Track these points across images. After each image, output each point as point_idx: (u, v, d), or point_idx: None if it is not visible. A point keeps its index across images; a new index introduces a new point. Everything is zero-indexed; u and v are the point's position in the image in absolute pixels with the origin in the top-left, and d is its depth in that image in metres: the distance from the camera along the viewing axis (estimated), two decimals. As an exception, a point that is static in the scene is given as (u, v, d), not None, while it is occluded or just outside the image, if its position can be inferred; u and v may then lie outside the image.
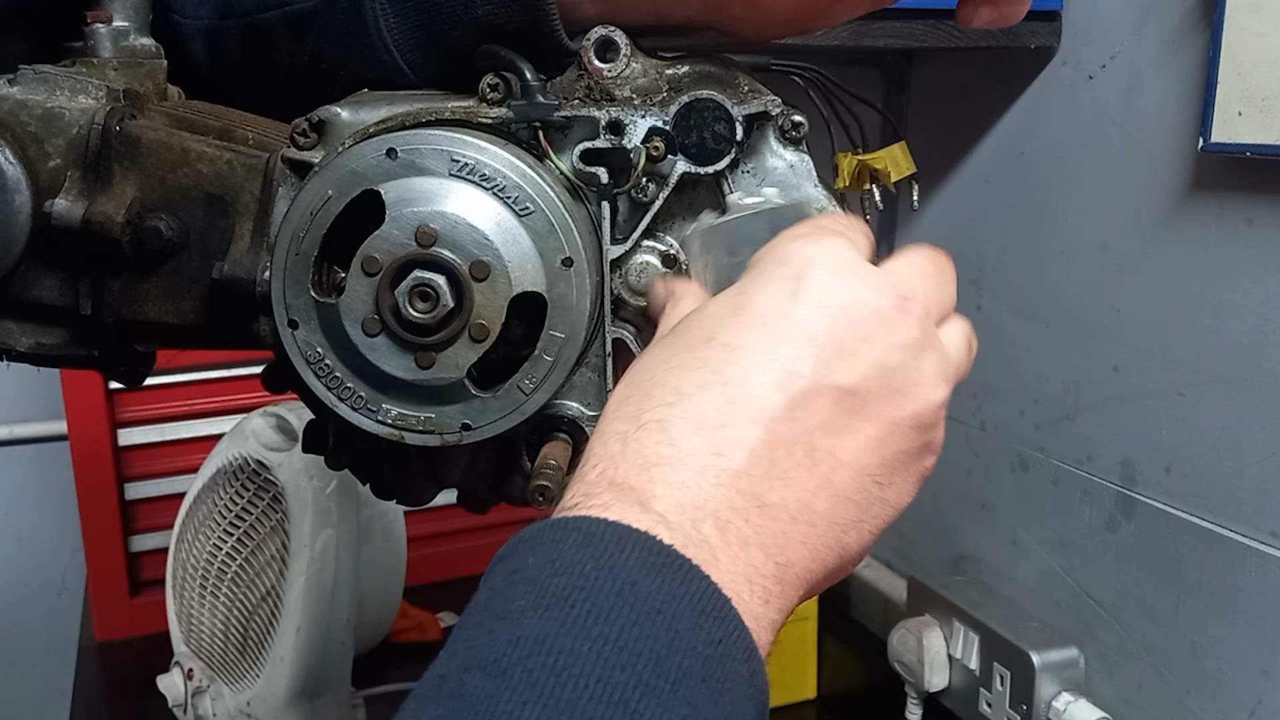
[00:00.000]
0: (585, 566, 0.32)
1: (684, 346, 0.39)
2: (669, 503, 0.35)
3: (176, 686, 1.10)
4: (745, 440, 0.37)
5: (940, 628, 1.16)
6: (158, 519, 1.36)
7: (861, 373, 0.38)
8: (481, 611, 0.33)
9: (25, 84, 0.45)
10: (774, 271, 0.40)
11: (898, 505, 0.40)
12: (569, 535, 0.34)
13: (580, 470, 0.37)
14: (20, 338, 0.48)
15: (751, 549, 0.36)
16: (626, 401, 0.39)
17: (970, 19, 0.49)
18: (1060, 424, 1.09)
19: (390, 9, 0.48)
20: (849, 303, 0.39)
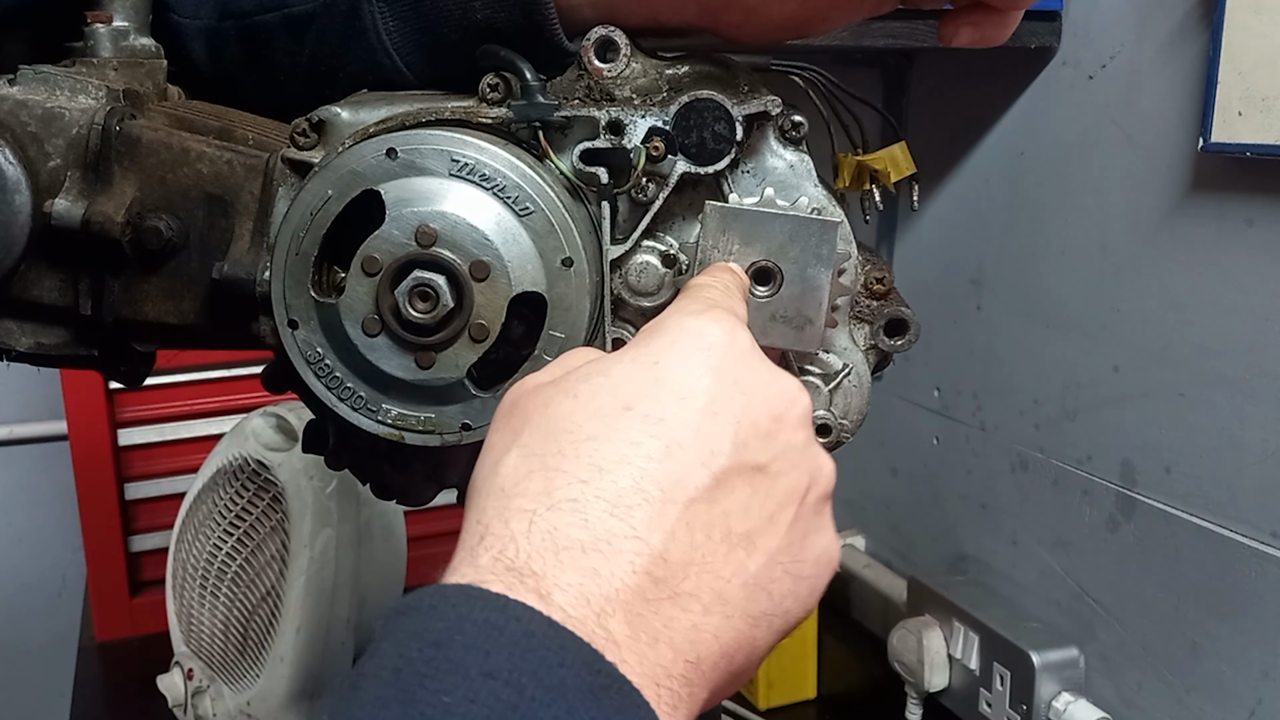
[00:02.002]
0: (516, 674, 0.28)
1: (595, 414, 0.36)
2: (573, 594, 0.31)
3: (176, 686, 1.10)
4: (665, 521, 0.34)
5: (940, 628, 1.16)
6: (158, 519, 1.36)
7: (774, 453, 0.37)
8: (392, 683, 0.29)
9: (25, 84, 0.45)
10: (688, 345, 0.38)
11: (805, 606, 0.38)
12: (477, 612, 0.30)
13: (468, 543, 0.33)
14: (20, 338, 0.48)
15: (660, 645, 0.32)
16: (531, 476, 0.34)
17: (951, 38, 0.49)
18: (1060, 424, 1.09)
19: (389, 12, 0.48)
20: (761, 384, 0.38)
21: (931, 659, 1.15)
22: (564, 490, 0.34)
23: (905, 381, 1.31)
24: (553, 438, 0.35)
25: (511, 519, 0.33)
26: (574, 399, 0.36)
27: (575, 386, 0.37)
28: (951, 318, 1.21)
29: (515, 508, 0.33)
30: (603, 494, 0.34)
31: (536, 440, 0.36)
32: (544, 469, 0.34)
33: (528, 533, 0.32)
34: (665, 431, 0.35)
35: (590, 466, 0.34)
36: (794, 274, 0.47)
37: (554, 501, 0.33)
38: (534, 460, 0.35)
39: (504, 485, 0.35)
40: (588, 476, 0.34)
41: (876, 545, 1.43)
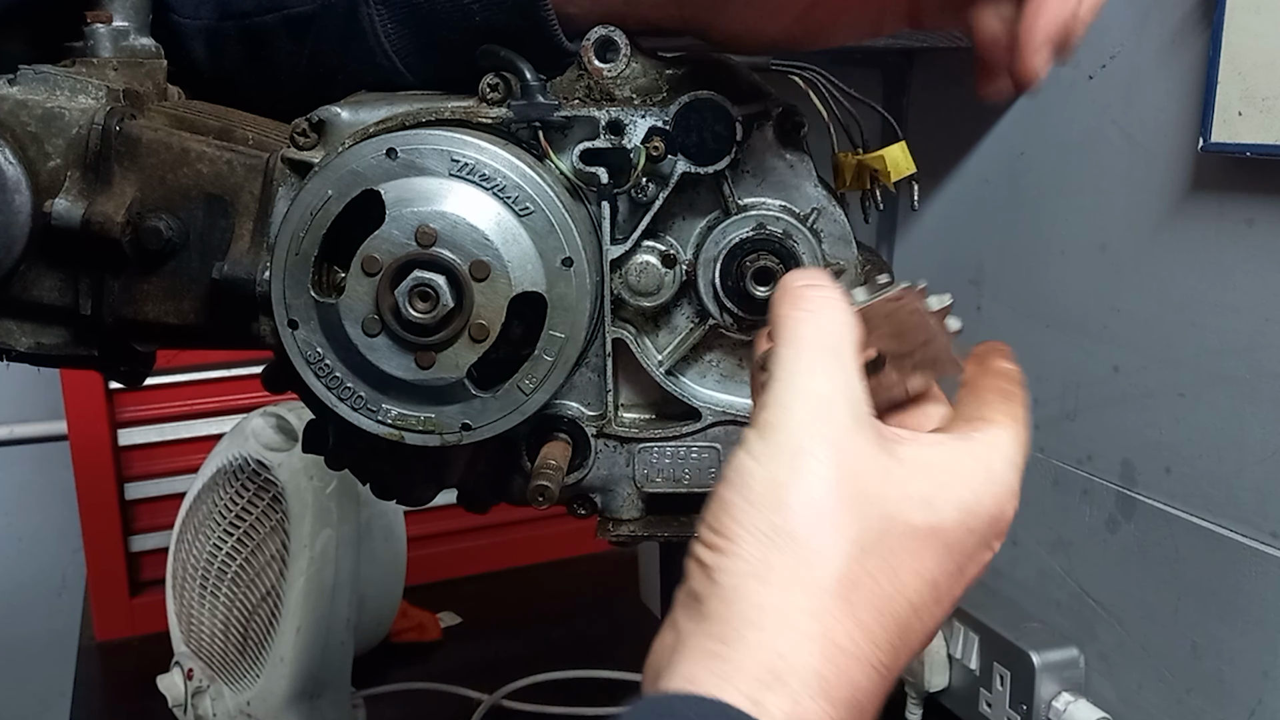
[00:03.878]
0: None
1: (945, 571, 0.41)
2: None
3: (176, 686, 1.10)
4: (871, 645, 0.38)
5: (940, 628, 1.16)
6: (158, 519, 1.36)
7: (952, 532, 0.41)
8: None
9: (25, 84, 0.45)
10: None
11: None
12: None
13: None
14: (20, 337, 0.48)
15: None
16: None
17: (989, 92, 0.45)
18: (1060, 424, 1.09)
19: (387, 14, 0.48)
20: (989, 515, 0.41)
21: (931, 659, 1.15)
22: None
23: (905, 381, 1.30)
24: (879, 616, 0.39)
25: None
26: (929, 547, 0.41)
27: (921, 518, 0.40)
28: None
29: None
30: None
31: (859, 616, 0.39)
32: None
33: None
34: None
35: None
36: None
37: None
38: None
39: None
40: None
41: (876, 545, 1.43)
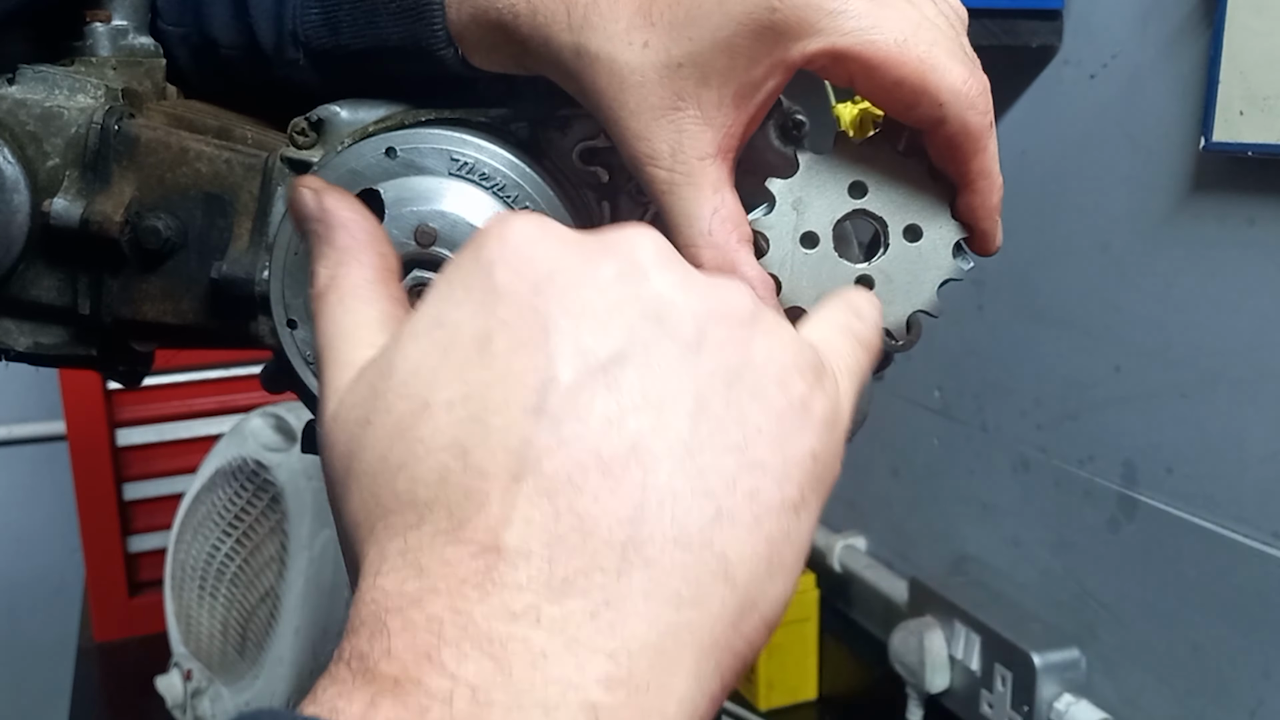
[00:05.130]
0: None
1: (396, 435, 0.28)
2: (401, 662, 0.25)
3: (175, 687, 1.10)
4: (512, 508, 0.26)
5: (941, 628, 1.16)
6: (156, 519, 1.35)
7: (622, 328, 0.28)
8: None
9: (24, 83, 0.45)
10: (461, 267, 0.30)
11: (791, 457, 0.28)
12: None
13: None
14: (19, 337, 0.48)
15: (549, 662, 0.24)
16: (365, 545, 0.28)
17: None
18: (1062, 424, 1.09)
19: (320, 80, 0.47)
20: (550, 272, 0.29)
21: (932, 660, 1.15)
22: (394, 541, 0.27)
23: (906, 382, 1.30)
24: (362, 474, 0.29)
25: (354, 596, 0.28)
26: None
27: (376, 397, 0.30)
28: (953, 318, 1.21)
29: (362, 574, 0.28)
30: (435, 521, 0.27)
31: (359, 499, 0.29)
32: (368, 520, 0.28)
33: (360, 610, 0.26)
34: (463, 405, 0.27)
35: (408, 501, 0.27)
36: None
37: (385, 558, 0.27)
38: (365, 506, 0.29)
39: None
40: (414, 516, 0.27)
41: (877, 546, 1.43)
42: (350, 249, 0.35)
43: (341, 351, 0.32)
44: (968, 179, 0.39)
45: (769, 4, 0.35)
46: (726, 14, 0.36)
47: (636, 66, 0.37)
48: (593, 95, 0.38)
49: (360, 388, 0.30)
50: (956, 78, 0.37)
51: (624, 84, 0.37)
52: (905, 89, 0.36)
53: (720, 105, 0.37)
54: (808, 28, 0.35)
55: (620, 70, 0.37)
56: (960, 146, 0.38)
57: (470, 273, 0.29)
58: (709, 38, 0.36)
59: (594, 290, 0.28)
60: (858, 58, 0.36)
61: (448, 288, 0.30)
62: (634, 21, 0.37)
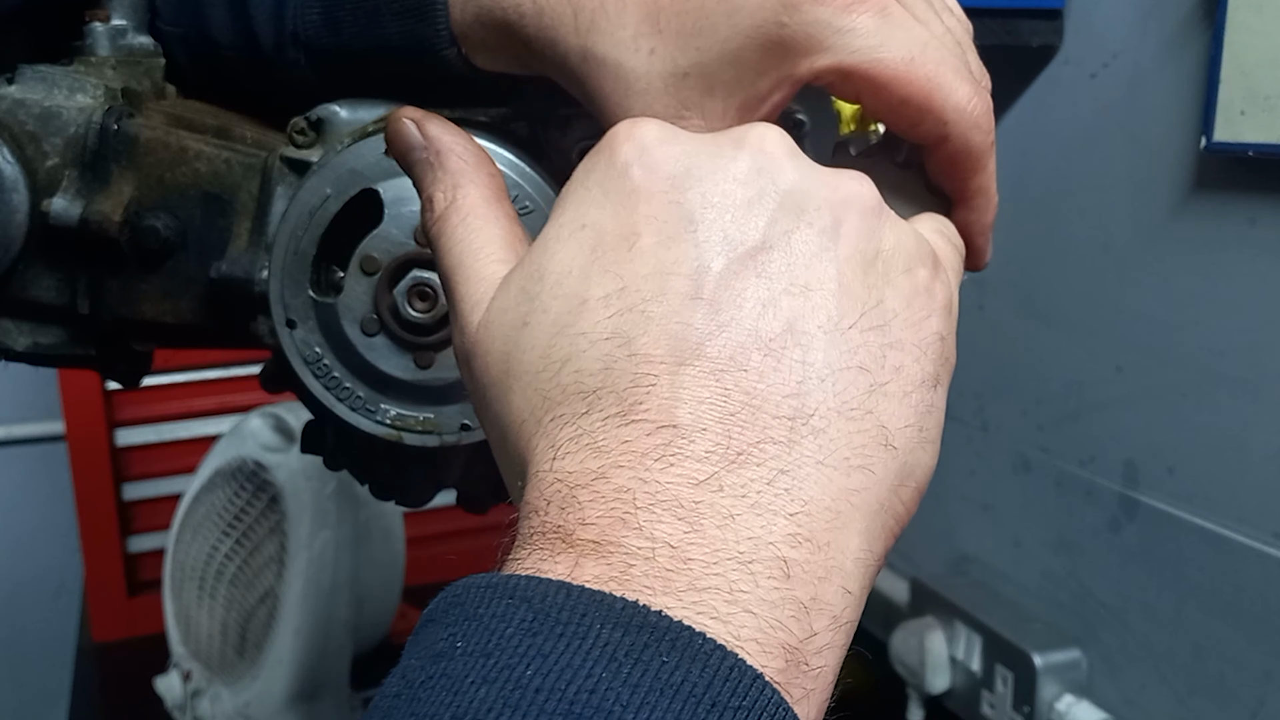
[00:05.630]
0: (517, 664, 0.24)
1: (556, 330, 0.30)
2: (595, 531, 0.26)
3: (174, 688, 1.09)
4: (681, 389, 0.27)
5: (942, 629, 1.16)
6: (156, 520, 1.35)
7: (764, 218, 0.30)
8: (388, 712, 0.25)
9: (23, 83, 0.45)
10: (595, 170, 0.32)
11: (925, 338, 0.30)
12: (499, 603, 0.25)
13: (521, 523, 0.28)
14: (18, 337, 0.48)
15: (737, 524, 0.26)
16: (534, 425, 0.29)
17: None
18: (1063, 424, 1.08)
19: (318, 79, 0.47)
20: (686, 169, 0.31)
21: (933, 660, 1.15)
22: (566, 429, 0.28)
23: (906, 382, 1.30)
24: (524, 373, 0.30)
25: (530, 481, 0.28)
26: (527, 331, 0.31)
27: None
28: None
29: (533, 463, 0.28)
30: (604, 406, 0.28)
31: (521, 396, 0.30)
32: (534, 416, 0.29)
33: (543, 490, 0.27)
34: (625, 298, 0.29)
35: (575, 392, 0.28)
36: None
37: (558, 445, 0.28)
38: (529, 402, 0.30)
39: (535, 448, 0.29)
40: (573, 399, 0.28)
41: (877, 546, 1.43)
42: (464, 171, 0.36)
43: (473, 268, 0.33)
44: (965, 196, 0.40)
45: (778, 19, 0.35)
46: (735, 26, 0.36)
47: (642, 73, 0.37)
48: (597, 99, 0.38)
49: (510, 293, 0.31)
50: (962, 97, 0.37)
51: (629, 90, 0.37)
52: (911, 107, 0.36)
53: (725, 116, 0.37)
54: (816, 44, 0.36)
55: (626, 76, 0.37)
56: (961, 164, 0.38)
57: (606, 175, 0.31)
58: (716, 49, 0.36)
59: (732, 183, 0.30)
60: (865, 76, 0.36)
61: (584, 191, 0.31)
62: (641, 28, 0.37)
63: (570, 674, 0.23)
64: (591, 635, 0.24)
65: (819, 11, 0.35)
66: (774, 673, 0.25)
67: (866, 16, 0.35)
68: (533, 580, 0.25)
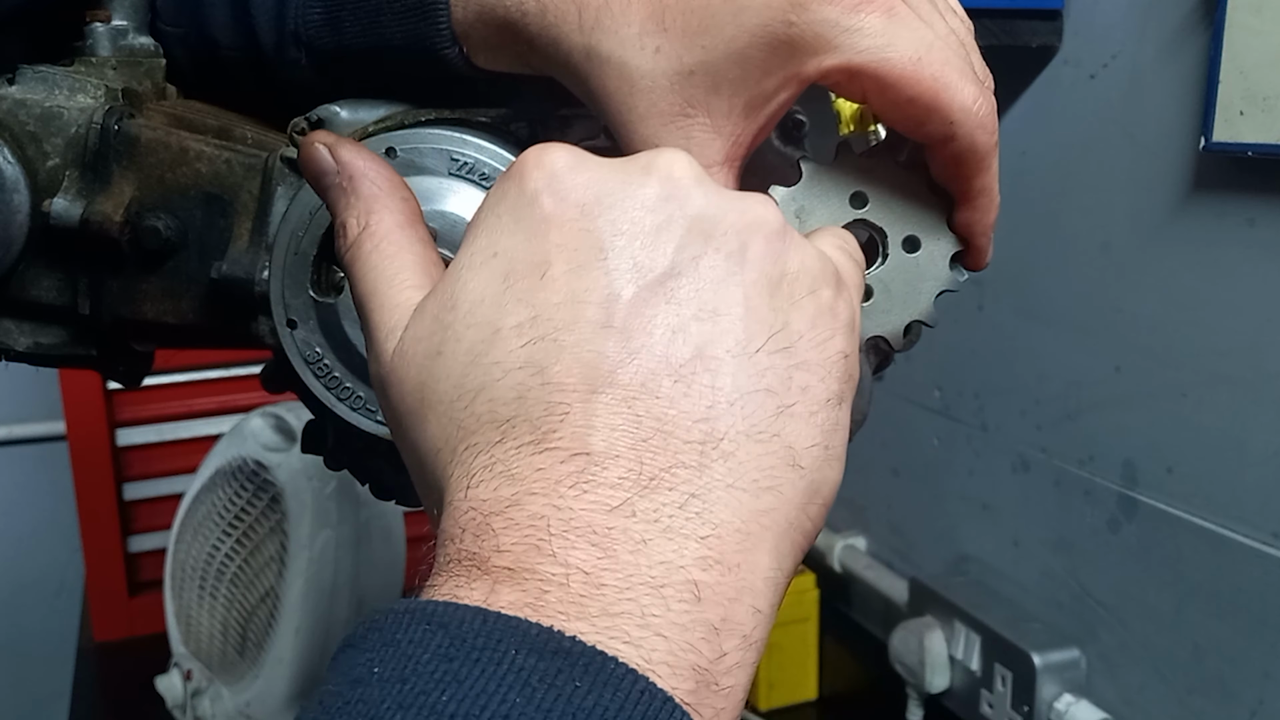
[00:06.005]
0: (432, 690, 0.24)
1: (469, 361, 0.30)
2: (511, 558, 0.26)
3: (175, 687, 1.10)
4: (594, 416, 0.28)
5: (941, 628, 1.16)
6: (156, 519, 1.35)
7: (672, 245, 0.30)
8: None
9: (24, 83, 0.45)
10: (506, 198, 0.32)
11: (829, 357, 0.31)
12: (415, 629, 0.25)
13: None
14: (18, 337, 0.48)
15: (651, 548, 0.26)
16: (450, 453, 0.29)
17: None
18: (1062, 424, 1.09)
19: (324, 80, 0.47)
20: (595, 197, 0.31)
21: (932, 660, 1.15)
22: (480, 457, 0.28)
23: (906, 382, 1.30)
24: (438, 402, 0.30)
25: (446, 509, 0.28)
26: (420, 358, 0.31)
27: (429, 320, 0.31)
28: (953, 318, 1.20)
29: (449, 491, 0.29)
30: (518, 435, 0.28)
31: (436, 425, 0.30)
32: (449, 445, 0.30)
33: (457, 518, 0.28)
34: (540, 326, 0.29)
35: (489, 420, 0.29)
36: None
37: (472, 474, 0.28)
38: (444, 431, 0.30)
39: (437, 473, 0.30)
40: (489, 429, 0.28)
41: (877, 546, 1.43)
42: (376, 196, 0.36)
43: (386, 295, 0.33)
44: (969, 195, 0.40)
45: (785, 18, 0.35)
46: (741, 25, 0.36)
47: (647, 71, 0.37)
48: (601, 98, 0.38)
49: (424, 323, 0.31)
50: (968, 97, 0.37)
51: (634, 88, 0.37)
52: (917, 107, 0.37)
53: (730, 114, 0.37)
54: (823, 44, 0.36)
55: (631, 74, 0.37)
56: (965, 164, 0.39)
57: (517, 203, 0.31)
58: (722, 47, 0.36)
59: (641, 210, 0.30)
60: (872, 75, 0.36)
61: (495, 218, 0.31)
62: (646, 26, 0.37)
63: (485, 699, 0.24)
64: (506, 661, 0.24)
65: (826, 11, 0.35)
66: (684, 694, 0.25)
67: (874, 16, 0.36)
68: (448, 606, 0.25)
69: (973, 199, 0.40)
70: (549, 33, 0.39)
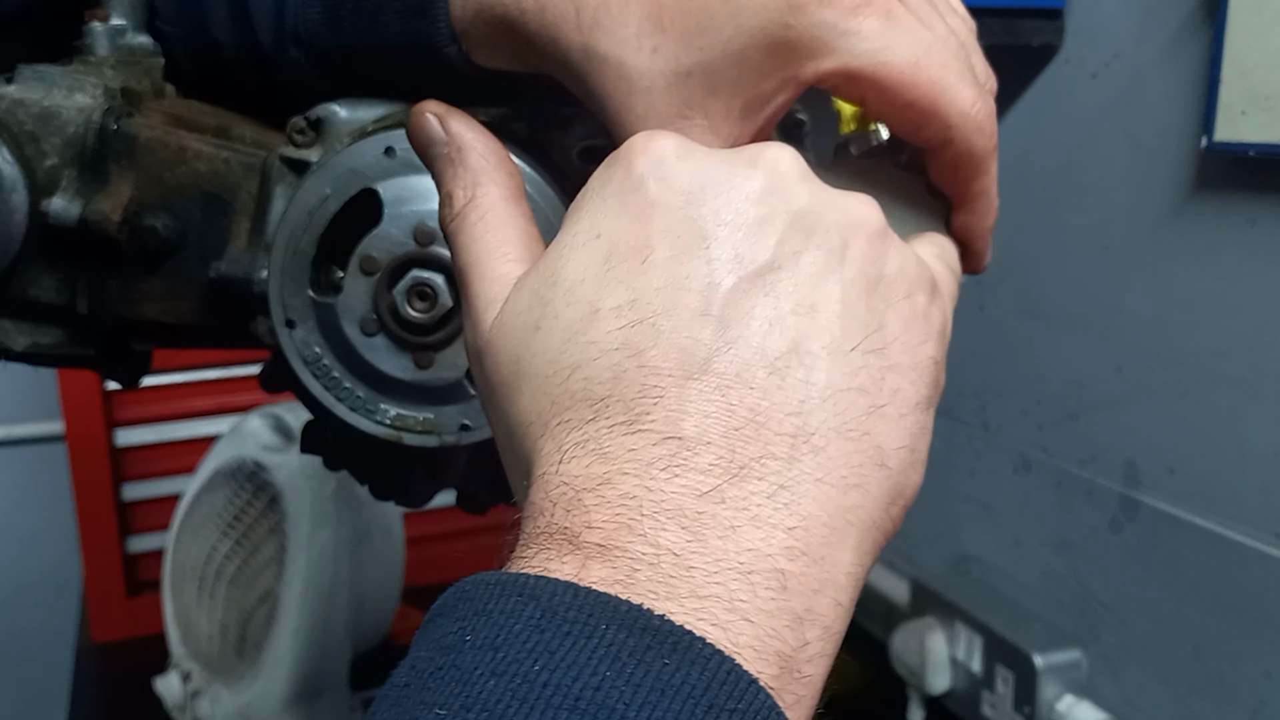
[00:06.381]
0: (525, 659, 0.24)
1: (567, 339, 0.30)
2: (601, 534, 0.26)
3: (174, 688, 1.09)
4: (687, 402, 0.28)
5: (942, 629, 1.16)
6: (155, 520, 1.35)
7: (774, 238, 0.30)
8: (397, 702, 0.25)
9: (23, 82, 0.45)
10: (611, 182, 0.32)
11: (921, 362, 0.31)
12: (507, 600, 0.26)
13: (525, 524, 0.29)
14: (17, 337, 0.48)
15: (738, 535, 0.27)
16: (541, 427, 0.30)
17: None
18: (1063, 424, 1.08)
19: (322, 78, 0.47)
20: (701, 185, 0.31)
21: (933, 660, 1.15)
22: (572, 434, 0.29)
23: (906, 382, 1.30)
24: (534, 376, 0.30)
25: (536, 483, 0.29)
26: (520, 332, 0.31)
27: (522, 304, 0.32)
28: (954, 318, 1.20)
29: (539, 465, 0.29)
30: (611, 414, 0.28)
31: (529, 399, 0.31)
32: (542, 420, 0.30)
33: (549, 491, 0.28)
34: (641, 309, 0.29)
35: (582, 398, 0.29)
36: None
37: (564, 449, 0.28)
38: (537, 405, 0.30)
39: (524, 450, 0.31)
40: (581, 406, 0.29)
41: (877, 546, 1.42)
42: (484, 169, 0.37)
43: (489, 266, 0.34)
44: (966, 199, 0.40)
45: (784, 20, 0.35)
46: (739, 26, 0.36)
47: (645, 71, 0.37)
48: (599, 97, 0.38)
49: (524, 296, 0.32)
50: (966, 101, 0.37)
51: (632, 88, 0.37)
52: (916, 111, 0.37)
53: (728, 116, 0.37)
54: (821, 46, 0.36)
55: (629, 74, 0.37)
56: (963, 168, 0.39)
57: (623, 186, 0.32)
58: (720, 48, 0.36)
59: (745, 201, 0.31)
60: (870, 79, 0.36)
61: (601, 201, 0.32)
62: (644, 26, 0.37)
63: (576, 671, 0.24)
64: (597, 635, 0.24)
65: (825, 14, 0.35)
66: (769, 679, 0.26)
67: (872, 19, 0.35)
68: (541, 579, 0.26)
69: (971, 202, 0.40)
70: (547, 31, 0.38)
